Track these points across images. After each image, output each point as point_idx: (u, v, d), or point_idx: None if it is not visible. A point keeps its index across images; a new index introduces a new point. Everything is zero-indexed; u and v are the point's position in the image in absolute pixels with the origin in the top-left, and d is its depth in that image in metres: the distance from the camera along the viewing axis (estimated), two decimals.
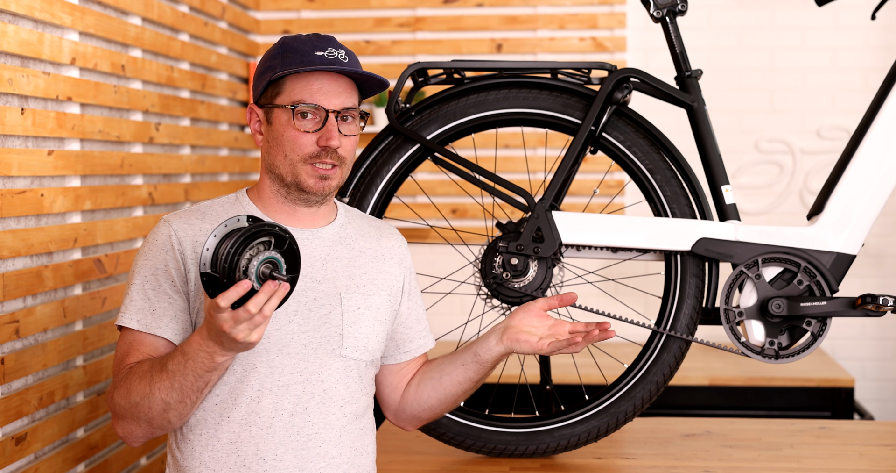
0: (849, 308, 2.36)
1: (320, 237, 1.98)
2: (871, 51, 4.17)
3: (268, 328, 1.86)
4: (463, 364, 2.07)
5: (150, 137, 3.05)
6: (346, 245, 2.00)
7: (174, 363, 1.78)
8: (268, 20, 4.32)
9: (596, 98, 2.43)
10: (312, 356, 1.89)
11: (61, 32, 2.55)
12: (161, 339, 1.88)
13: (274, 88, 1.93)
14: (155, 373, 1.80)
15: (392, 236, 2.10)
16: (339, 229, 2.02)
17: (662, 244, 2.41)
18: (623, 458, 2.51)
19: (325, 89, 1.90)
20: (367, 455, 1.99)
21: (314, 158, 1.90)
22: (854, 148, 2.44)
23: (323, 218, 2.00)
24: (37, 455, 2.41)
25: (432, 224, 3.73)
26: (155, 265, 1.89)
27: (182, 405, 1.81)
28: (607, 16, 4.22)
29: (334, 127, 1.89)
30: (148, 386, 1.80)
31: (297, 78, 1.91)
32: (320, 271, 1.94)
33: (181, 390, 1.79)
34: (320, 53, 1.91)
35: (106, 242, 2.74)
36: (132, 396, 1.81)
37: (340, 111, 1.91)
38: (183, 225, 1.91)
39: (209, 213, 1.95)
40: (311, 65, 1.89)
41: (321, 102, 1.90)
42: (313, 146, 1.90)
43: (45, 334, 2.46)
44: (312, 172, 1.91)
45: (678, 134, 2.88)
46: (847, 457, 2.51)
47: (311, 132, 1.89)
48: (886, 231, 4.17)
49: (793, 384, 3.59)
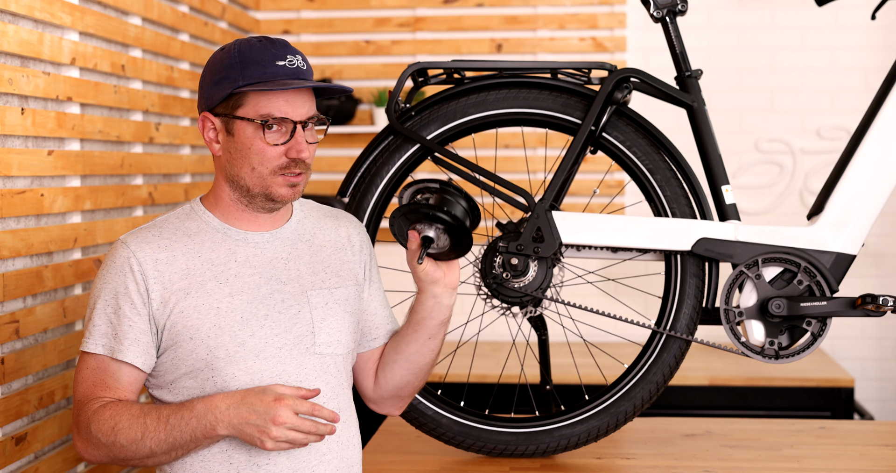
0: (849, 308, 2.36)
1: (280, 238, 1.97)
2: (871, 51, 4.17)
3: (242, 335, 1.86)
4: (413, 331, 2.05)
5: (150, 137, 3.05)
6: (305, 242, 1.99)
7: (176, 417, 1.79)
8: (268, 20, 4.32)
9: (596, 98, 2.42)
10: (288, 358, 1.89)
11: (61, 32, 2.55)
12: (124, 364, 1.86)
13: (235, 100, 1.87)
14: (150, 422, 1.79)
15: (350, 225, 2.08)
16: (297, 225, 2.01)
17: (662, 244, 2.41)
18: (623, 458, 2.51)
19: (292, 101, 1.87)
20: (353, 446, 1.99)
21: (283, 170, 1.88)
22: (854, 148, 2.44)
23: (281, 218, 1.99)
24: (37, 455, 2.41)
25: None
26: (115, 288, 1.86)
27: (167, 456, 1.83)
28: (607, 16, 4.22)
29: (303, 138, 1.88)
30: (140, 432, 1.79)
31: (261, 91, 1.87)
32: (284, 272, 1.94)
33: (173, 445, 1.80)
34: (282, 63, 1.87)
35: (106, 242, 2.74)
36: (119, 437, 1.80)
37: (307, 121, 1.89)
38: (141, 244, 1.88)
39: (165, 227, 1.93)
40: (276, 78, 1.85)
41: (289, 114, 1.87)
42: (282, 158, 1.88)
43: (45, 334, 2.46)
44: (283, 182, 1.89)
45: (678, 134, 2.88)
46: (847, 457, 2.51)
47: (280, 145, 1.87)
48: (886, 231, 4.17)
49: (793, 384, 3.59)
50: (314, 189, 4.26)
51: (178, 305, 1.85)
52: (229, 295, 1.88)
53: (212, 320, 1.85)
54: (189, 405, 1.80)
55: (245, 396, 1.78)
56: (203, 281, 1.87)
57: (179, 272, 1.87)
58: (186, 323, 1.84)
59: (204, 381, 1.85)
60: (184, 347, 1.85)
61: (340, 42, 4.31)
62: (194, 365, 1.85)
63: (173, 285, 1.86)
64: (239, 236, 1.93)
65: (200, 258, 1.89)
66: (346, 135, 4.28)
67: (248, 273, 1.91)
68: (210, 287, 1.87)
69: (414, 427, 2.50)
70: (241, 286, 1.89)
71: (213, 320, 1.85)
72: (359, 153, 2.80)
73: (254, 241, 1.94)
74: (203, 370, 1.85)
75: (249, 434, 1.77)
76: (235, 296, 1.88)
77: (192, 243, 1.90)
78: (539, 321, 2.52)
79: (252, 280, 1.91)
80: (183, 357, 1.85)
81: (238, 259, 1.91)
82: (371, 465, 2.46)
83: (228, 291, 1.88)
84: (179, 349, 1.85)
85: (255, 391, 1.79)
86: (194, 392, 1.86)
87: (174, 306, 1.85)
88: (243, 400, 1.78)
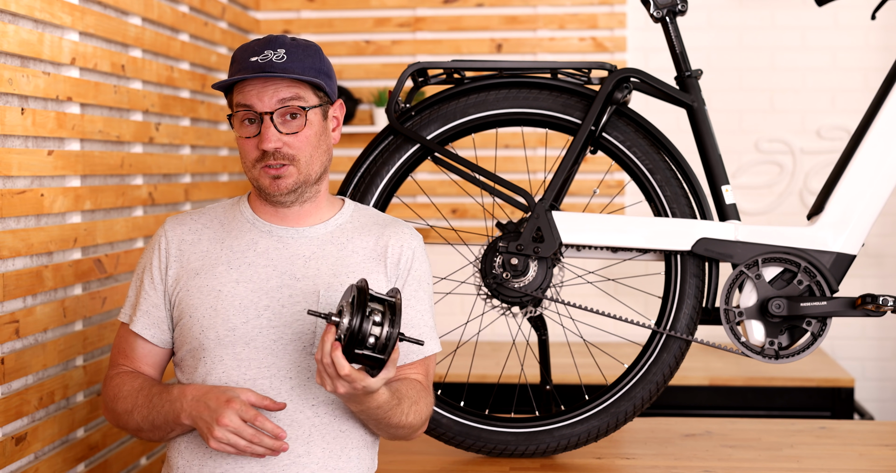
0: (849, 308, 2.36)
1: (307, 236, 1.98)
2: (871, 51, 4.17)
3: (235, 321, 1.90)
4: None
5: (150, 137, 3.05)
6: (337, 245, 1.98)
7: (159, 399, 1.88)
8: (268, 20, 4.32)
9: (596, 98, 2.43)
10: (282, 352, 1.90)
11: (61, 32, 2.55)
12: (137, 336, 1.99)
13: (229, 99, 1.97)
14: (141, 398, 1.91)
15: (396, 236, 2.00)
16: (336, 228, 2.00)
17: (662, 244, 2.41)
18: (623, 458, 2.51)
19: (256, 92, 1.90)
20: (349, 459, 1.92)
21: (262, 161, 1.92)
22: (854, 148, 2.44)
23: (312, 216, 2.00)
24: (37, 455, 2.41)
25: (432, 224, 3.73)
26: (144, 263, 2.01)
27: (153, 433, 1.93)
28: (607, 16, 4.22)
29: (269, 129, 1.89)
30: (131, 405, 1.92)
31: (237, 87, 1.93)
32: (301, 269, 1.94)
33: (153, 424, 1.90)
34: (254, 59, 1.90)
35: (106, 242, 2.74)
36: (118, 404, 1.94)
37: (275, 111, 1.89)
38: (175, 225, 2.01)
39: (206, 213, 2.04)
40: (244, 73, 1.89)
41: (254, 105, 1.90)
42: (256, 151, 1.91)
43: (45, 334, 2.46)
44: (266, 173, 1.92)
45: (678, 134, 2.88)
46: (847, 457, 2.51)
47: (253, 137, 1.91)
48: (886, 231, 4.17)
49: (793, 384, 3.59)
50: None
51: (187, 283, 1.94)
52: (235, 281, 1.93)
53: (210, 302, 1.92)
54: (170, 388, 1.89)
55: (209, 391, 1.83)
56: (215, 264, 1.95)
57: (199, 254, 1.97)
58: (189, 302, 1.93)
59: (197, 361, 1.92)
60: (184, 324, 1.94)
61: (340, 42, 4.31)
62: (191, 344, 1.93)
63: (189, 265, 1.96)
64: (265, 228, 1.99)
65: (223, 244, 1.97)
66: (346, 135, 4.28)
67: (263, 264, 1.94)
68: (220, 271, 1.94)
69: None
70: (250, 275, 1.93)
71: (212, 302, 1.91)
72: (359, 153, 2.80)
73: (279, 235, 1.98)
74: (197, 349, 1.92)
75: (200, 428, 1.82)
76: (241, 283, 1.93)
77: (221, 231, 2.00)
78: (539, 321, 2.52)
79: (264, 271, 1.93)
80: (184, 335, 1.94)
81: (258, 250, 1.96)
82: None
83: (236, 277, 1.93)
84: (183, 326, 1.94)
85: (219, 389, 1.83)
86: (191, 371, 1.94)
87: (184, 284, 1.94)
88: (205, 395, 1.83)
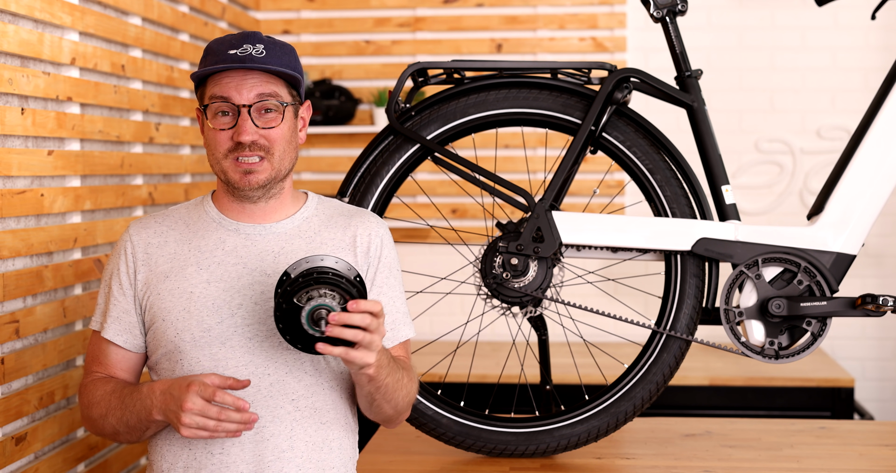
0: (849, 308, 2.36)
1: (274, 232, 1.97)
2: (871, 51, 4.17)
3: (209, 322, 1.89)
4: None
5: (150, 137, 3.05)
6: (305, 238, 1.98)
7: (130, 398, 1.87)
8: (268, 20, 4.32)
9: (596, 98, 2.43)
10: (258, 350, 1.89)
11: (61, 32, 2.55)
12: (109, 342, 1.97)
13: (200, 91, 1.95)
14: (114, 400, 1.90)
15: (362, 225, 2.01)
16: (302, 222, 2.00)
17: (662, 244, 2.41)
18: (623, 458, 2.51)
19: (235, 84, 1.90)
20: (331, 450, 1.93)
21: (234, 153, 1.91)
22: (854, 148, 2.44)
23: (278, 212, 1.99)
24: (37, 455, 2.41)
25: (432, 224, 3.73)
26: (111, 269, 1.99)
27: (130, 436, 1.92)
28: (607, 16, 4.22)
29: (246, 121, 1.89)
30: (105, 409, 1.90)
31: (212, 79, 1.92)
32: (271, 265, 1.94)
33: (127, 424, 1.89)
34: (233, 52, 1.90)
35: (106, 242, 2.74)
36: (92, 410, 1.92)
37: (253, 104, 1.90)
38: (139, 229, 1.99)
39: (170, 215, 2.01)
40: (223, 63, 1.89)
41: (232, 97, 1.89)
42: (229, 142, 1.91)
43: (45, 334, 2.46)
44: (236, 167, 1.91)
45: (678, 134, 2.88)
46: (847, 457, 2.51)
47: (227, 129, 1.90)
48: (886, 231, 4.17)
49: (793, 384, 3.59)
50: (314, 189, 4.26)
51: (157, 287, 1.92)
52: (206, 281, 1.92)
53: (182, 304, 1.90)
54: (139, 387, 1.88)
55: (173, 382, 1.82)
56: (184, 266, 1.93)
57: (166, 256, 1.95)
58: (161, 305, 1.91)
59: (174, 364, 1.91)
60: (158, 328, 1.92)
61: (340, 42, 4.31)
62: (167, 347, 1.91)
63: (158, 268, 1.94)
64: (232, 226, 1.97)
65: (190, 245, 1.95)
66: (346, 135, 4.28)
67: (232, 262, 1.93)
68: (189, 272, 1.92)
69: (414, 427, 2.50)
70: (220, 274, 1.92)
71: (184, 304, 1.90)
72: (359, 153, 2.80)
73: (245, 232, 1.96)
74: (173, 352, 1.91)
75: (171, 419, 1.81)
76: (212, 283, 1.91)
77: (186, 232, 1.97)
78: (539, 321, 2.52)
79: (234, 270, 1.92)
80: (158, 338, 1.92)
81: (226, 249, 1.95)
82: (371, 465, 2.46)
83: (206, 277, 1.92)
84: (156, 330, 1.92)
85: (182, 378, 1.82)
86: (168, 374, 1.92)
87: (154, 288, 1.93)
88: (170, 386, 1.82)
